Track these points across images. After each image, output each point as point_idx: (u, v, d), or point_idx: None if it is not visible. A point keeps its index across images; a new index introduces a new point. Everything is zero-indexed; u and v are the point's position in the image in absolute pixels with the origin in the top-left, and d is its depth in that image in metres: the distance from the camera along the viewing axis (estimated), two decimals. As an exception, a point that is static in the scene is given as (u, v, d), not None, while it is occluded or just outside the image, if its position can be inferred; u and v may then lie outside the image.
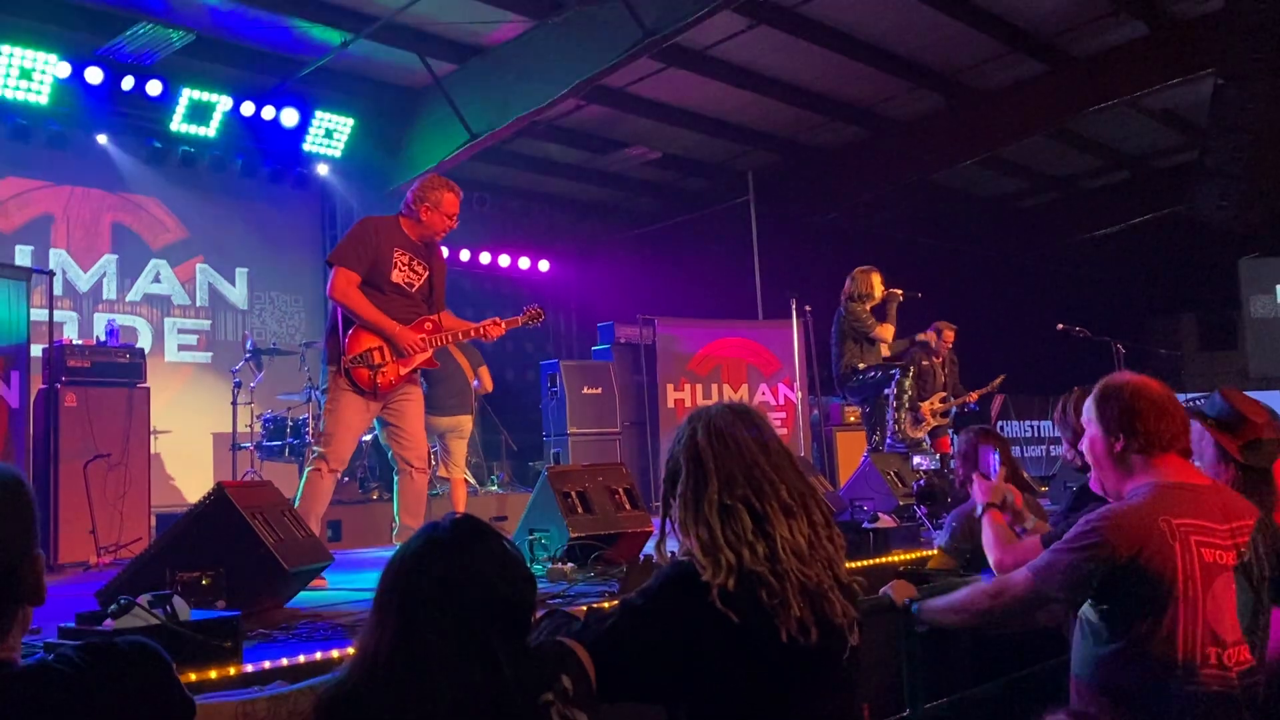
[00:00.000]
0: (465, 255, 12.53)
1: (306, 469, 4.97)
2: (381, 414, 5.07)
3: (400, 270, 4.97)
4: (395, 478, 5.18)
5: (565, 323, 14.16)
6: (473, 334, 5.17)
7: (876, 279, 7.82)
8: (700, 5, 8.16)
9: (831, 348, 7.94)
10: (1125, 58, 10.63)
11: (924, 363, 8.82)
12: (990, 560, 3.38)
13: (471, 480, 8.76)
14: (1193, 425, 3.25)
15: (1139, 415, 2.63)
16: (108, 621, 2.49)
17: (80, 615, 2.69)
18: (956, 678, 3.93)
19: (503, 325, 5.14)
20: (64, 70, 8.60)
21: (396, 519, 5.15)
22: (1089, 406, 2.76)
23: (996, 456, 4.18)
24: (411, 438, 5.11)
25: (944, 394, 8.74)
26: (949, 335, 8.92)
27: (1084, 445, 2.81)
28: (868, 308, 7.78)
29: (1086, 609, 2.64)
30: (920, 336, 8.76)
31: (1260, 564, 2.60)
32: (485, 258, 12.76)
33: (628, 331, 10.67)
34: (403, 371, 4.98)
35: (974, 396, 8.88)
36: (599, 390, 9.99)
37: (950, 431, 8.55)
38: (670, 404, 10.22)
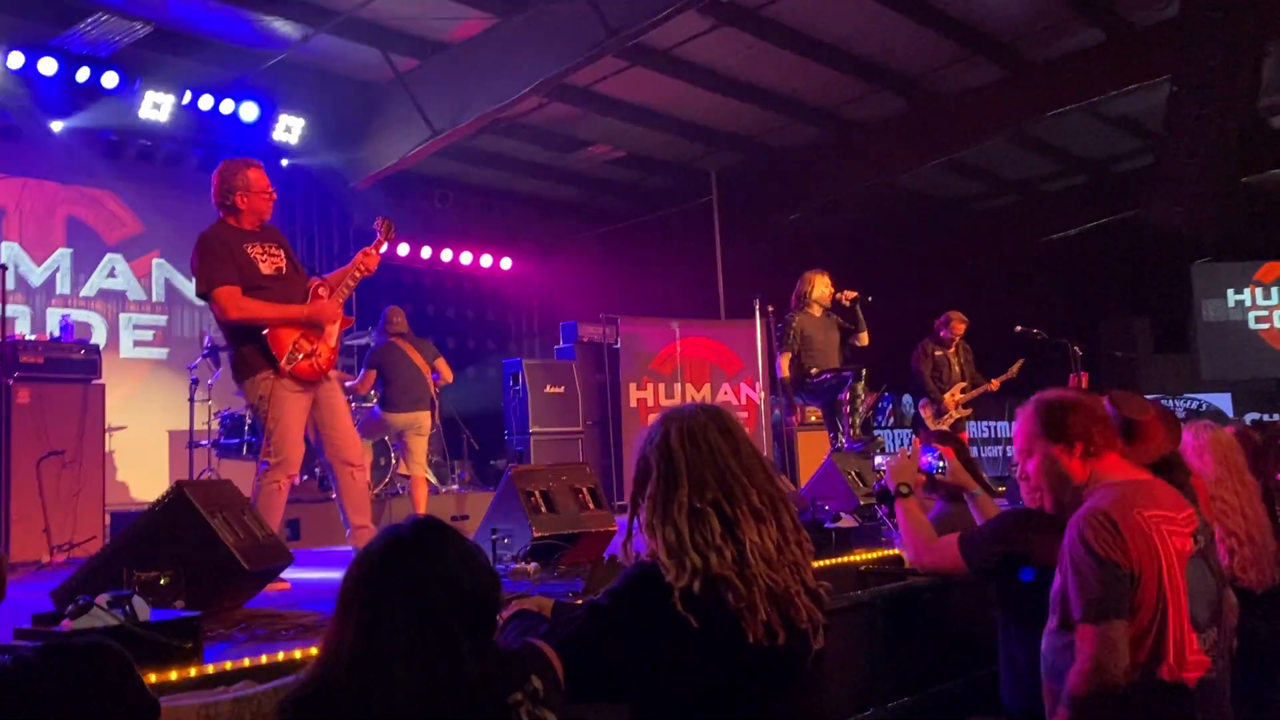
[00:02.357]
0: (426, 252, 12.44)
1: (260, 483, 4.79)
2: (314, 416, 4.95)
3: (265, 262, 4.88)
4: (335, 480, 5.02)
5: (527, 321, 14.11)
6: (357, 275, 5.04)
7: (820, 280, 7.80)
8: (664, 5, 8.17)
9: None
10: (1083, 64, 10.79)
11: (936, 353, 8.87)
12: (906, 556, 3.37)
13: (432, 479, 8.70)
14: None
15: (1083, 421, 2.66)
16: (65, 622, 2.45)
17: (36, 616, 2.65)
18: (919, 675, 3.96)
19: (373, 251, 5.06)
20: (17, 60, 8.45)
21: (347, 522, 5.00)
22: (1029, 430, 2.74)
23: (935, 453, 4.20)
24: (345, 435, 5.03)
25: (964, 384, 8.82)
26: (958, 326, 8.97)
27: (1030, 470, 2.75)
28: (813, 312, 7.76)
29: (1055, 628, 2.57)
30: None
31: (1213, 550, 2.65)
32: (446, 255, 12.68)
33: (590, 330, 10.66)
34: (332, 344, 4.95)
35: (995, 384, 8.89)
36: (561, 389, 9.97)
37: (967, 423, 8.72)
38: (633, 403, 10.22)
